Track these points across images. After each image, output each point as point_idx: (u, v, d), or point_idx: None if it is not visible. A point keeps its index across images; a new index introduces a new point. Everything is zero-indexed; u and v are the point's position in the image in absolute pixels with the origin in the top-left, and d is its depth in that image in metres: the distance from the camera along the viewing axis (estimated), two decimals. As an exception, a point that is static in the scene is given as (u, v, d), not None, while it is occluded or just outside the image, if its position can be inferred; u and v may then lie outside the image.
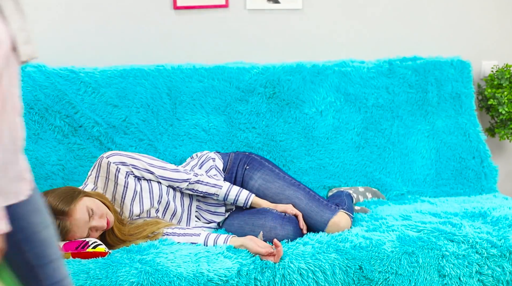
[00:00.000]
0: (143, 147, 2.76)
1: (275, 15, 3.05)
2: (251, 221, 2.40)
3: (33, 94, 2.67)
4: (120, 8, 2.92)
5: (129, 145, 2.75)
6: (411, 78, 2.96)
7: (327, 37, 3.10)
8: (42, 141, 2.68)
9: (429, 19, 3.16)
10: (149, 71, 2.81)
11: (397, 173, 2.92)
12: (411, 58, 3.03)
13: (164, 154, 2.77)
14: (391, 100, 2.95)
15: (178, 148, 2.79)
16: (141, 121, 2.77)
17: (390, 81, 2.96)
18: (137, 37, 2.95)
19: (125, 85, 2.77)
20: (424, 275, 2.23)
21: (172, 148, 2.79)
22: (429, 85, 2.97)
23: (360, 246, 2.23)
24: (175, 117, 2.81)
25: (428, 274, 2.23)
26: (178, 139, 2.80)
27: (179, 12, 2.98)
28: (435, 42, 3.15)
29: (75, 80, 2.73)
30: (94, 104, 2.74)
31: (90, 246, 2.13)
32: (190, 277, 2.06)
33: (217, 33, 3.01)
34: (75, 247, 2.13)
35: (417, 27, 3.15)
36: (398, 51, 3.09)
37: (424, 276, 2.23)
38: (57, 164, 2.68)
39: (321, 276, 2.16)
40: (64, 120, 2.70)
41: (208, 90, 2.84)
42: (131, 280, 2.02)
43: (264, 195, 2.51)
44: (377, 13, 3.12)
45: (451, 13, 3.16)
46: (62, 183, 2.65)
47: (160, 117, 2.80)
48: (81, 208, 2.18)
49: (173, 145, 2.79)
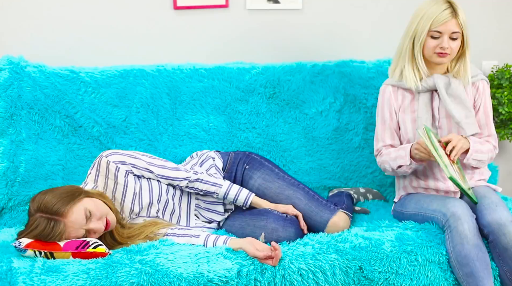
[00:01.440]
0: (143, 147, 2.76)
1: (275, 15, 3.05)
2: (253, 222, 2.40)
3: (33, 94, 2.67)
4: (120, 8, 2.92)
5: (129, 145, 2.75)
6: (411, 78, 2.96)
7: (327, 37, 3.09)
8: (42, 141, 2.68)
9: (429, 19, 3.15)
10: (149, 71, 2.80)
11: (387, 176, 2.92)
12: (411, 58, 3.02)
13: (164, 154, 2.77)
14: (391, 100, 2.94)
15: (178, 148, 2.79)
16: (141, 121, 2.77)
17: (390, 81, 2.95)
18: (137, 37, 2.95)
19: (125, 85, 2.77)
20: (425, 272, 2.23)
21: (172, 147, 2.79)
22: (429, 85, 2.97)
23: (359, 246, 2.24)
24: (175, 117, 2.81)
25: (430, 271, 2.23)
26: (178, 139, 2.80)
27: (179, 12, 2.98)
28: (435, 42, 3.15)
29: (75, 80, 2.73)
30: (94, 104, 2.74)
31: (91, 246, 2.13)
32: (190, 277, 2.06)
33: (217, 33, 3.01)
34: (75, 246, 2.13)
35: (417, 27, 3.14)
36: (398, 51, 3.08)
37: (425, 273, 2.23)
38: (57, 164, 2.68)
39: (321, 277, 2.16)
40: (64, 120, 2.70)
41: (208, 90, 2.83)
42: (131, 280, 2.03)
43: (264, 195, 2.51)
44: (377, 13, 3.11)
45: (451, 13, 3.16)
46: (62, 183, 2.65)
47: (160, 117, 2.79)
48: (78, 210, 2.17)
49: (173, 145, 2.79)
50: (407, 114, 2.55)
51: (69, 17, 2.88)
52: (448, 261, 2.24)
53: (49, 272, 2.02)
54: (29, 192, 2.61)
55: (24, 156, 2.63)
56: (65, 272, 2.03)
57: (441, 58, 2.45)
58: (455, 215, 2.23)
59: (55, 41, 2.88)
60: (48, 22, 2.87)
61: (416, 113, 2.51)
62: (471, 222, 2.22)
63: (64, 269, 2.04)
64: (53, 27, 2.88)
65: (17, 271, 2.02)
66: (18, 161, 2.62)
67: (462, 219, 2.21)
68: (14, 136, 2.63)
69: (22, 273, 2.01)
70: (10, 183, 2.60)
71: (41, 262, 2.06)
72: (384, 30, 3.12)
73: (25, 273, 2.01)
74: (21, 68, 2.67)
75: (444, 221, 2.26)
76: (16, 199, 2.62)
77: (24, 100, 2.66)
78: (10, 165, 2.60)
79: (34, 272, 2.02)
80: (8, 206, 2.61)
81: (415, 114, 2.52)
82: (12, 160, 2.61)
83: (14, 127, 2.64)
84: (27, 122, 2.66)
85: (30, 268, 2.03)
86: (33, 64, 2.70)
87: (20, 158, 2.63)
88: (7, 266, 2.04)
